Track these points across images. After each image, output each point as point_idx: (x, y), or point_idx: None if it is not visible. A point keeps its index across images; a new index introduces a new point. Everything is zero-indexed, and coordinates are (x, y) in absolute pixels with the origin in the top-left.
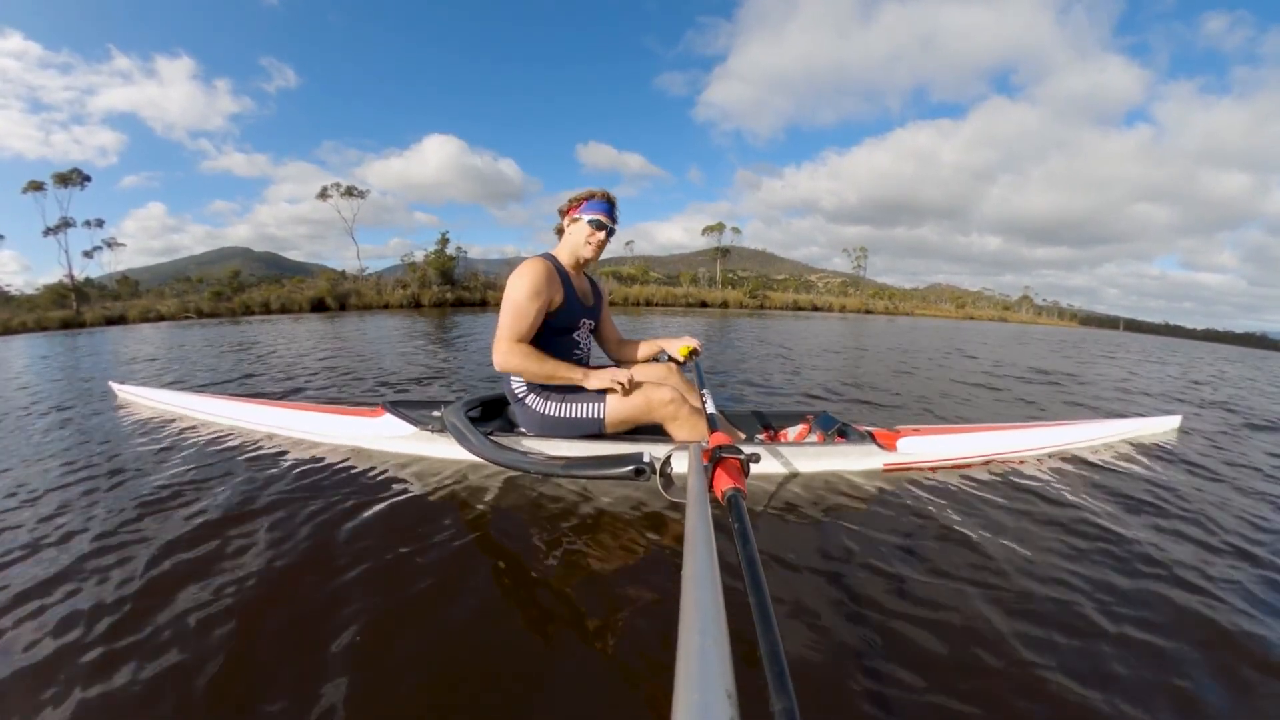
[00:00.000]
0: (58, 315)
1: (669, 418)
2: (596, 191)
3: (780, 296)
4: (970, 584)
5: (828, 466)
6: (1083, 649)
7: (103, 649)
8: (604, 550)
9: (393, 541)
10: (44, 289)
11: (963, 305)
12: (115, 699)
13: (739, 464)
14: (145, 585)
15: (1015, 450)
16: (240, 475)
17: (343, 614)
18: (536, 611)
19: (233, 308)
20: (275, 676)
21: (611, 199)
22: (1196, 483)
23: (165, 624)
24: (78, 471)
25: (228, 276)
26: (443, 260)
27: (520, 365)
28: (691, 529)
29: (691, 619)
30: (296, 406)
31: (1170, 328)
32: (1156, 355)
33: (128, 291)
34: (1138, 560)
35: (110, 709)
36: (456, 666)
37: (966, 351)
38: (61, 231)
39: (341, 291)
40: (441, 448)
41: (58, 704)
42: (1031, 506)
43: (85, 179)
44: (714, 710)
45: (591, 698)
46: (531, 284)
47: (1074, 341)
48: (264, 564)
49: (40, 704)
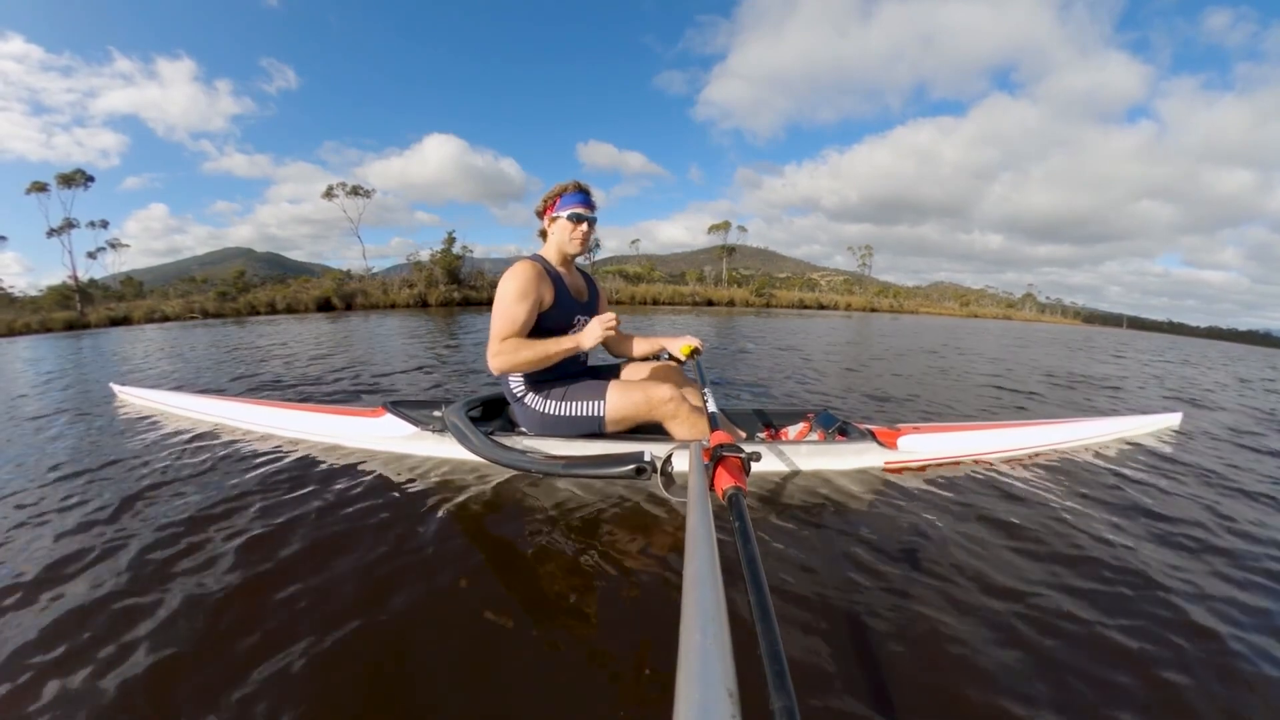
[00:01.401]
0: (62, 316)
1: (669, 416)
2: (567, 185)
3: (787, 295)
4: (972, 583)
5: (829, 465)
6: (1085, 648)
7: (93, 645)
8: (605, 549)
9: (392, 541)
10: (48, 290)
11: (967, 304)
12: (102, 695)
13: (740, 462)
14: (135, 584)
15: (1016, 448)
16: (239, 475)
17: (341, 613)
18: (538, 610)
19: (238, 308)
20: (269, 673)
21: (583, 187)
22: (1198, 480)
23: (157, 621)
24: (74, 473)
25: (233, 276)
26: (449, 259)
27: (513, 360)
28: (692, 528)
29: (693, 617)
30: (297, 407)
31: (1173, 325)
32: (1190, 356)
33: (132, 292)
34: (1137, 560)
35: (99, 705)
36: (456, 666)
37: (989, 354)
38: (65, 232)
39: (347, 291)
40: (442, 447)
41: (51, 694)
42: (1033, 505)
43: (89, 179)
44: (715, 708)
45: (593, 696)
46: (518, 285)
47: (1083, 339)
48: (262, 563)
49: (46, 694)
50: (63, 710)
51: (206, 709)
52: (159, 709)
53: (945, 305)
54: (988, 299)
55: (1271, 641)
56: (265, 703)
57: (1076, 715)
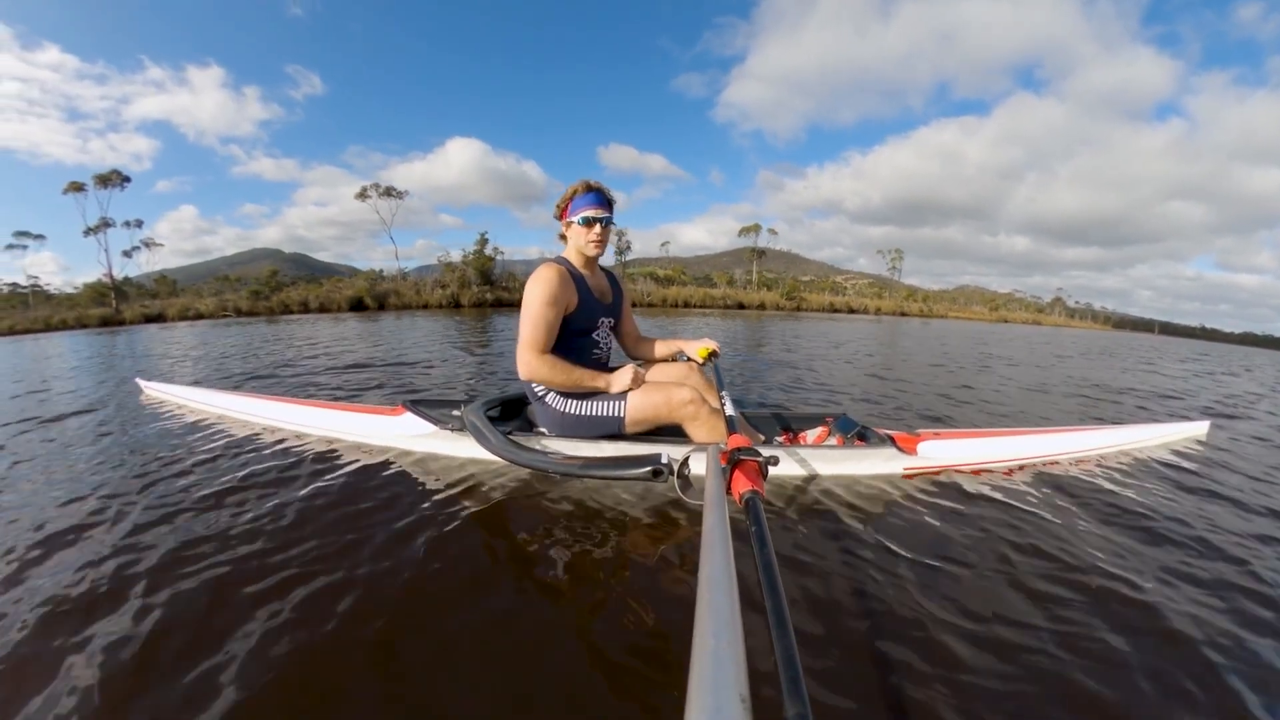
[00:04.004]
0: (97, 313)
1: (688, 418)
2: (577, 186)
3: (817, 299)
4: (993, 592)
5: (847, 470)
6: (1108, 658)
7: (109, 642)
8: (620, 551)
9: (410, 539)
10: (84, 287)
11: (996, 308)
12: (132, 692)
13: (757, 466)
14: (161, 574)
15: (1037, 455)
16: (260, 471)
17: (363, 609)
18: (552, 610)
19: (271, 307)
20: (294, 671)
21: (595, 186)
22: (1225, 489)
23: (180, 615)
24: (100, 467)
25: (266, 276)
26: (482, 260)
27: (546, 375)
28: (708, 531)
29: (706, 622)
30: (319, 405)
31: (1206, 331)
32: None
33: (166, 290)
34: (1160, 571)
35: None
36: (471, 664)
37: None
38: (101, 231)
39: (380, 291)
40: (461, 446)
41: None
42: (1053, 513)
43: (125, 180)
44: (727, 714)
45: (605, 698)
46: (547, 291)
47: (1145, 346)
48: (284, 558)
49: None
50: (75, 693)
51: (210, 697)
52: (165, 697)
53: (973, 309)
54: (1016, 303)
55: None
56: (270, 694)
57: None
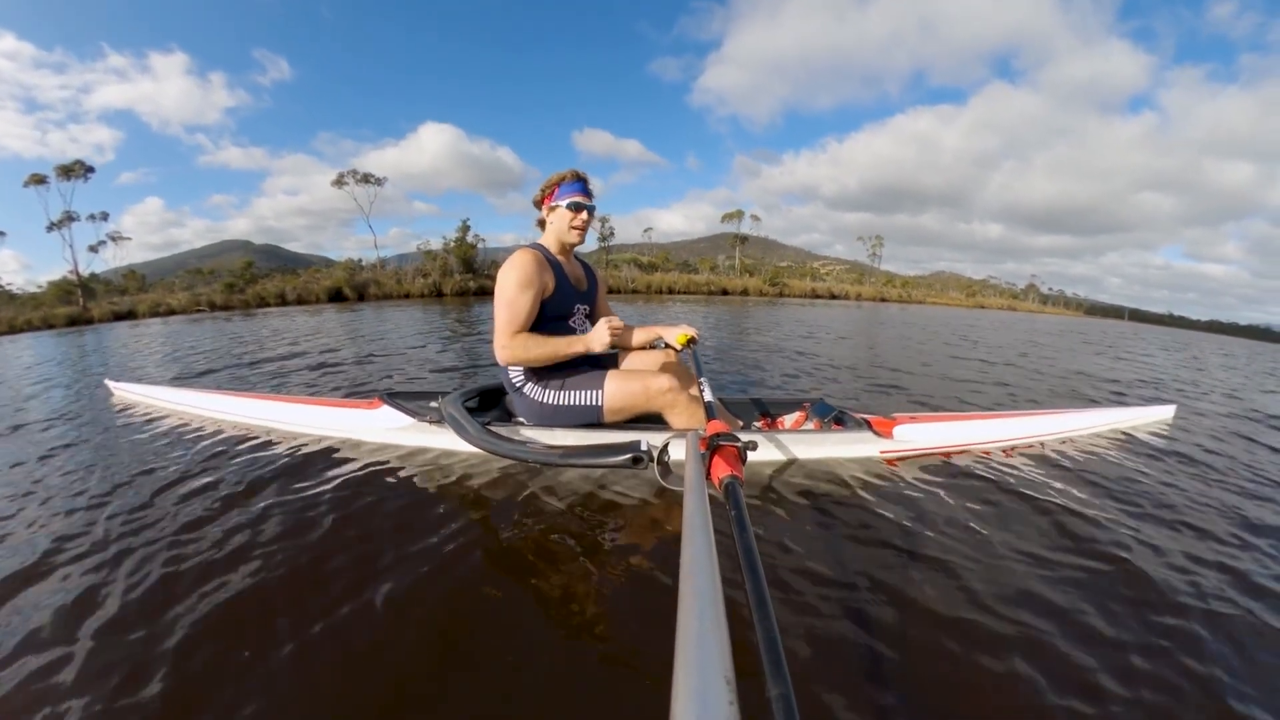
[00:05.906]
0: (64, 312)
1: (667, 406)
2: (565, 174)
3: (799, 285)
4: (965, 571)
5: (824, 453)
6: (1078, 639)
7: (90, 646)
8: (602, 538)
9: (390, 533)
10: (49, 285)
11: (973, 294)
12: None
13: (736, 451)
14: (126, 581)
15: (1010, 438)
16: (235, 470)
17: (342, 604)
18: (535, 599)
19: (246, 300)
20: (271, 669)
21: (582, 176)
22: (1189, 471)
23: (155, 615)
24: (70, 471)
25: (240, 268)
26: (465, 248)
27: (523, 354)
28: (689, 516)
29: (690, 606)
30: (293, 400)
31: (1174, 318)
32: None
33: (135, 286)
34: (1129, 548)
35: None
36: (453, 654)
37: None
38: (65, 226)
39: (360, 281)
40: (440, 438)
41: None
42: (1026, 494)
43: (88, 170)
44: (713, 695)
45: (592, 683)
46: (521, 275)
47: (1114, 334)
48: (261, 558)
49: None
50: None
51: (197, 702)
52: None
53: (950, 295)
54: (991, 289)
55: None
56: (253, 695)
57: (1078, 705)
